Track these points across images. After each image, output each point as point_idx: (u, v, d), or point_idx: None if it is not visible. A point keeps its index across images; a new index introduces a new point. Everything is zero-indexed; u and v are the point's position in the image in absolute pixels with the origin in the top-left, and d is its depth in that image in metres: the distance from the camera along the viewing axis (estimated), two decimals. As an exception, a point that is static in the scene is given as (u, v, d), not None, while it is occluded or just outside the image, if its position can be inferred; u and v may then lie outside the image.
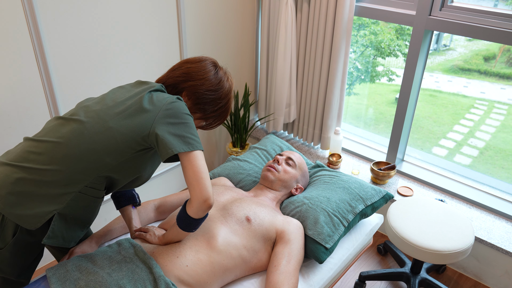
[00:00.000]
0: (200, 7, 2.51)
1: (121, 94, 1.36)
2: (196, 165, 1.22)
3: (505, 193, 2.40)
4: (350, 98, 3.16)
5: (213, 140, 3.07)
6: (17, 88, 1.90)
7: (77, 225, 1.34)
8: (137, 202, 1.58)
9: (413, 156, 2.75)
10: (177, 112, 1.27)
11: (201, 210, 1.24)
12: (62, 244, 1.32)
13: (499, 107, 2.64)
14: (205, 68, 1.43)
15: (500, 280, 2.22)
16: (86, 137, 1.26)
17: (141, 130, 1.26)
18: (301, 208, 1.67)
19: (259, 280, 1.49)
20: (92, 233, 1.67)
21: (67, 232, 1.32)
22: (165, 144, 1.22)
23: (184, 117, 1.28)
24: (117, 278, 1.26)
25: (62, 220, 1.28)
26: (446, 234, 1.88)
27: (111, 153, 1.26)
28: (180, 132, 1.25)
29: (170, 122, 1.26)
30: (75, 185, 1.25)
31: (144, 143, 1.27)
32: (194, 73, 1.41)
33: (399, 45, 2.85)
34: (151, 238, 1.44)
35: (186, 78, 1.41)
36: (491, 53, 2.60)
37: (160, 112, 1.27)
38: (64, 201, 1.25)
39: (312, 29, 2.57)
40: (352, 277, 2.32)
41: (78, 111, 1.33)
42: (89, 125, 1.27)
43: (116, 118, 1.28)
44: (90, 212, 1.35)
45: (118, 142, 1.25)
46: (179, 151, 1.21)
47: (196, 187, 1.21)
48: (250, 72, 3.09)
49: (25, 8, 1.79)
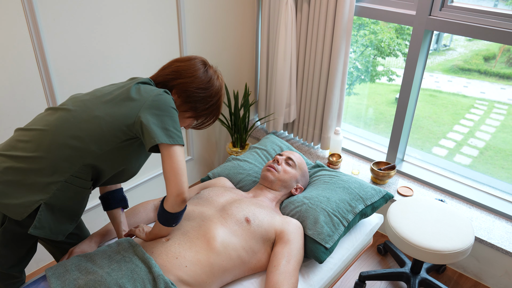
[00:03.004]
0: (200, 7, 2.51)
1: (110, 87, 1.40)
2: (174, 160, 1.24)
3: (505, 193, 2.40)
4: (350, 98, 3.16)
5: (213, 140, 3.07)
6: (17, 88, 1.90)
7: (64, 217, 1.34)
8: (127, 205, 1.61)
9: (413, 156, 2.75)
10: (163, 104, 1.29)
11: (176, 204, 1.25)
12: (49, 236, 1.31)
13: (499, 107, 2.64)
14: (195, 66, 1.44)
15: (500, 280, 2.22)
16: (72, 125, 1.27)
17: (126, 119, 1.28)
18: (301, 208, 1.67)
19: (259, 280, 1.49)
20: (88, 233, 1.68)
21: (55, 224, 1.31)
22: (149, 133, 1.24)
23: (169, 110, 1.29)
24: (117, 278, 1.26)
25: (49, 211, 1.28)
26: (446, 234, 1.88)
27: (96, 142, 1.27)
28: (163, 125, 1.27)
29: (155, 113, 1.27)
30: (61, 173, 1.26)
31: (129, 132, 1.29)
32: (183, 71, 1.42)
33: (399, 43, 2.84)
34: (140, 233, 1.46)
35: (176, 76, 1.42)
36: (491, 53, 2.60)
37: (146, 103, 1.29)
38: (50, 191, 1.26)
39: (312, 29, 2.57)
40: (352, 277, 2.32)
41: (67, 101, 1.36)
42: (76, 113, 1.29)
43: (103, 107, 1.30)
44: (77, 203, 1.35)
45: (103, 131, 1.27)
46: (161, 142, 1.23)
47: (172, 181, 1.23)
48: (250, 72, 3.09)
49: (25, 8, 1.79)
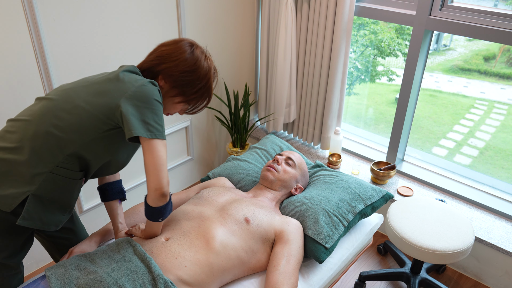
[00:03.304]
0: (200, 7, 2.51)
1: (98, 76, 1.37)
2: (154, 154, 1.23)
3: (505, 193, 2.40)
4: (350, 98, 3.16)
5: (213, 140, 3.07)
6: (17, 89, 1.90)
7: (55, 208, 1.33)
8: (125, 197, 1.61)
9: (413, 156, 2.75)
10: (144, 96, 1.26)
11: (156, 199, 1.26)
12: (41, 226, 1.31)
13: (499, 107, 2.64)
14: (180, 49, 1.39)
15: (500, 280, 2.22)
16: (53, 114, 1.27)
17: (106, 109, 1.26)
18: (301, 208, 1.67)
19: (258, 280, 1.49)
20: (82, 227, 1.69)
21: (45, 215, 1.31)
22: (128, 125, 1.23)
23: (151, 102, 1.26)
24: (116, 277, 1.26)
25: (38, 202, 1.27)
26: (446, 234, 1.88)
27: (77, 132, 1.26)
28: (143, 117, 1.24)
29: (136, 104, 1.25)
30: (45, 164, 1.26)
31: (110, 122, 1.27)
32: (167, 55, 1.38)
33: (399, 43, 2.84)
34: (136, 231, 1.47)
35: (160, 61, 1.38)
36: (491, 53, 2.60)
37: (127, 93, 1.26)
38: (36, 182, 1.25)
39: (312, 29, 2.57)
40: (352, 277, 2.32)
41: (53, 90, 1.35)
42: (57, 102, 1.29)
43: (84, 97, 1.28)
44: (67, 194, 1.34)
45: (83, 120, 1.26)
46: (138, 135, 1.22)
47: (151, 176, 1.23)
48: (250, 72, 3.09)
49: (25, 8, 1.79)
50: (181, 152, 2.85)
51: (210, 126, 2.98)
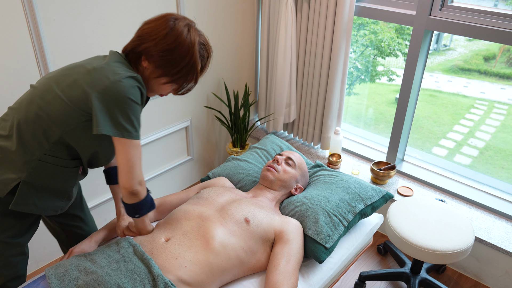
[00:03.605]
0: (200, 7, 2.51)
1: (81, 62, 1.33)
2: (124, 155, 1.23)
3: (505, 193, 2.39)
4: (350, 98, 3.16)
5: (213, 140, 3.07)
6: (18, 89, 1.90)
7: (51, 194, 1.35)
8: None
9: (413, 156, 2.75)
10: (117, 93, 1.21)
11: (126, 196, 1.28)
12: (36, 211, 1.34)
13: (499, 107, 2.64)
14: (160, 27, 1.28)
15: (500, 280, 2.22)
16: (34, 103, 1.27)
17: (81, 102, 1.24)
18: (301, 208, 1.67)
19: (258, 280, 1.49)
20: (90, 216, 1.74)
21: (40, 200, 1.34)
22: (95, 120, 1.21)
23: (123, 101, 1.21)
24: (116, 278, 1.26)
25: (30, 188, 1.30)
26: (446, 234, 1.88)
27: (55, 121, 1.26)
28: (112, 115, 1.21)
29: (106, 101, 1.21)
30: (32, 152, 1.28)
31: (86, 114, 1.25)
32: (147, 34, 1.29)
33: (399, 43, 2.85)
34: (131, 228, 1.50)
35: (140, 41, 1.30)
36: (491, 53, 2.60)
37: (100, 88, 1.21)
38: (25, 169, 1.28)
39: (312, 29, 2.57)
40: (352, 277, 2.32)
41: (41, 78, 1.36)
42: (39, 91, 1.29)
43: (62, 87, 1.27)
44: (61, 182, 1.35)
45: (62, 110, 1.25)
46: (104, 133, 1.20)
47: (121, 174, 1.25)
48: (250, 72, 3.09)
49: (25, 8, 1.79)
50: (181, 152, 2.85)
51: (210, 126, 2.98)
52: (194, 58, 1.31)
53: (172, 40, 1.27)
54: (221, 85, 2.91)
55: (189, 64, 1.31)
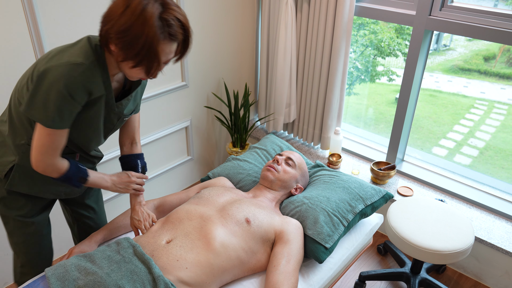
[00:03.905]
0: (200, 7, 2.51)
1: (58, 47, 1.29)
2: (39, 136, 1.23)
3: (505, 193, 2.40)
4: (350, 98, 3.16)
5: (213, 140, 3.07)
6: (17, 88, 1.90)
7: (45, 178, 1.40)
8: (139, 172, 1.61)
9: (413, 156, 2.75)
10: (43, 78, 1.16)
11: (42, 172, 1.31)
12: (32, 192, 1.43)
13: (499, 107, 2.64)
14: (117, 5, 1.15)
15: (500, 280, 2.22)
16: (18, 90, 1.30)
17: None
18: (301, 208, 1.67)
19: (259, 280, 1.49)
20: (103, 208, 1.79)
21: (33, 182, 1.40)
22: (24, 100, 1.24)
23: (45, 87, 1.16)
24: (116, 278, 1.26)
25: (23, 171, 1.38)
26: (446, 234, 1.88)
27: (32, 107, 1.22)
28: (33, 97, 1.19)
29: (33, 82, 1.18)
30: (21, 136, 1.34)
31: None
32: (106, 16, 1.18)
33: (399, 43, 2.85)
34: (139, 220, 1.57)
35: (102, 23, 1.19)
36: (491, 53, 2.60)
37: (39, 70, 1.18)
38: (18, 153, 1.35)
39: (312, 29, 2.57)
40: (352, 277, 2.32)
41: None
42: (22, 76, 1.32)
43: (31, 71, 1.25)
44: None
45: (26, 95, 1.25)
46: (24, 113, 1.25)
47: (32, 152, 1.27)
48: (250, 72, 3.09)
49: (25, 8, 1.79)
50: (181, 152, 2.85)
51: (210, 126, 2.98)
52: (150, 38, 1.14)
53: (126, 19, 1.13)
54: (221, 85, 2.91)
55: (146, 44, 1.15)
